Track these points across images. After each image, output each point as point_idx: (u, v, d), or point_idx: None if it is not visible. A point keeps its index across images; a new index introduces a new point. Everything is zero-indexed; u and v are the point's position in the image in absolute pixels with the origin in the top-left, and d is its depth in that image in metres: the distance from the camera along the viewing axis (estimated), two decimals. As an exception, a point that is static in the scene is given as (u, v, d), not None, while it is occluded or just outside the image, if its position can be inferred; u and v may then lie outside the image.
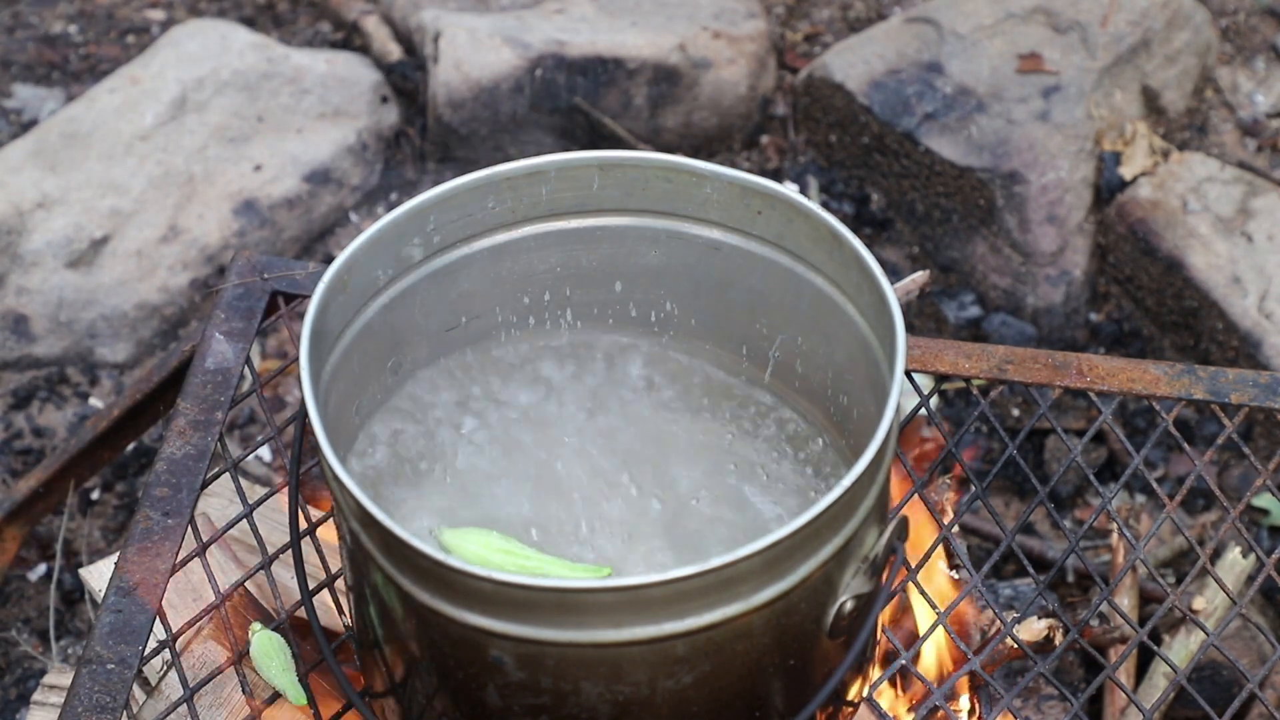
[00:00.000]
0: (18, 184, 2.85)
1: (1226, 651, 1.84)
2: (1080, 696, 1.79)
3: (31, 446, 2.69)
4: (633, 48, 2.99)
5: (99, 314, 2.79)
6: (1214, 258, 2.71)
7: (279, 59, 3.04)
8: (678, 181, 1.70)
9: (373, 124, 3.02)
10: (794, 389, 1.78)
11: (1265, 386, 1.98)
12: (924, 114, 2.86)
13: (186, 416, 1.96)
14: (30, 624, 2.51)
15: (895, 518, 1.57)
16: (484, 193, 1.69)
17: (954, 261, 2.87)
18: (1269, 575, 1.91)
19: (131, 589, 1.81)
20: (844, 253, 1.63)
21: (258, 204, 2.90)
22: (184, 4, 3.32)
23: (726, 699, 1.56)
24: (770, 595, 1.48)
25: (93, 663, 1.75)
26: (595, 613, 1.44)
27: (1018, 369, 1.98)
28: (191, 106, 2.97)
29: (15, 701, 2.41)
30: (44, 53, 3.23)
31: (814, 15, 3.27)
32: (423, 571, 1.46)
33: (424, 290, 1.72)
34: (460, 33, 2.98)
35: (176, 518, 1.87)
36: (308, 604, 1.72)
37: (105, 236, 2.83)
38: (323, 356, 1.62)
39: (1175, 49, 2.97)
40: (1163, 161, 2.85)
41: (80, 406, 2.75)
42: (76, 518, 2.60)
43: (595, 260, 1.77)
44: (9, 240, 2.79)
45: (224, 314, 2.05)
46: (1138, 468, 1.93)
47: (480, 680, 1.53)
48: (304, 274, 2.09)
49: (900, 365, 1.53)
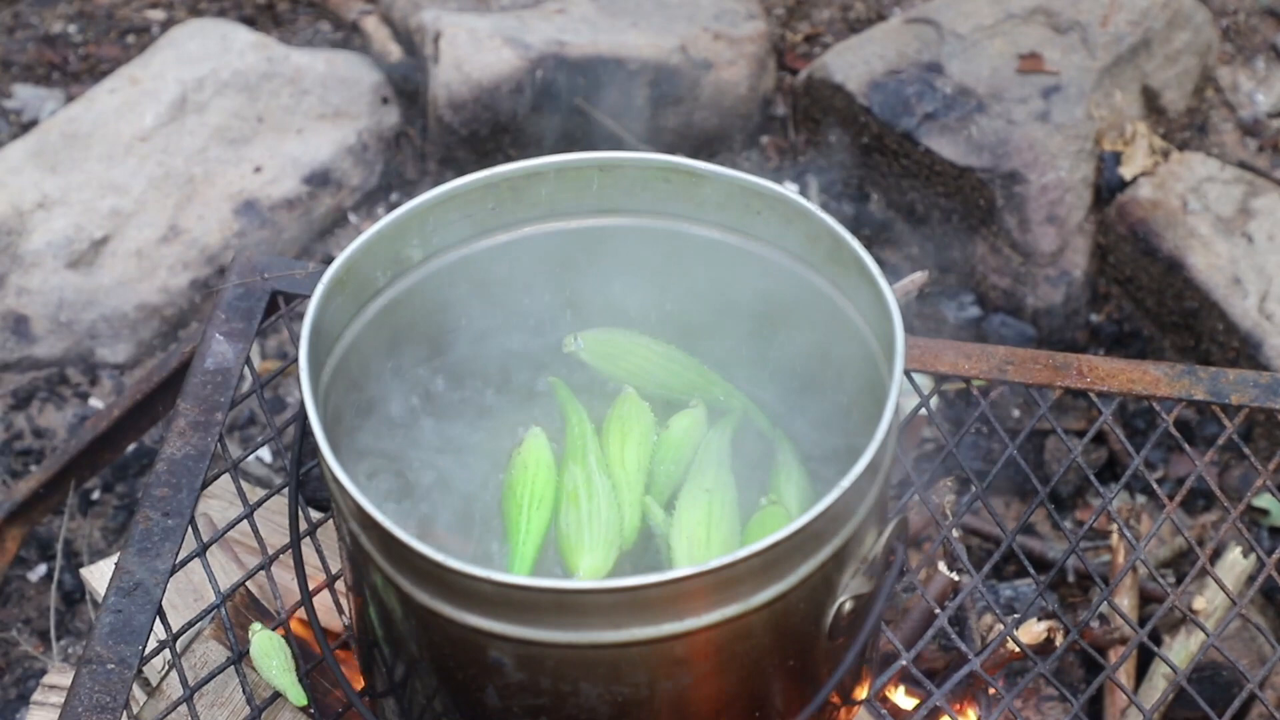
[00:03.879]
0: (18, 184, 2.85)
1: (1226, 652, 1.84)
2: (1080, 697, 1.79)
3: (32, 447, 2.69)
4: (633, 48, 2.99)
5: (99, 314, 2.79)
6: (1214, 258, 2.71)
7: (279, 59, 3.04)
8: (678, 182, 1.70)
9: (373, 124, 3.02)
10: (794, 389, 1.78)
11: (1265, 387, 1.98)
12: (924, 114, 2.86)
13: (187, 417, 1.96)
14: (30, 624, 2.51)
15: (895, 518, 1.57)
16: (484, 193, 1.69)
17: (954, 262, 2.87)
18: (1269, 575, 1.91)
19: (132, 589, 1.81)
20: (843, 253, 1.63)
21: (258, 204, 2.90)
22: (184, 4, 3.32)
23: (726, 700, 1.56)
24: (769, 596, 1.48)
25: (93, 663, 1.75)
26: (595, 614, 1.44)
27: (1018, 369, 1.98)
28: (191, 107, 2.97)
29: (15, 701, 2.41)
30: (44, 53, 3.23)
31: (814, 16, 3.27)
32: (422, 573, 1.46)
33: (423, 291, 1.71)
34: (461, 33, 2.98)
35: (177, 518, 1.87)
36: (308, 604, 1.72)
37: (105, 237, 2.83)
38: (322, 357, 1.62)
39: (1175, 49, 2.97)
40: (1163, 161, 2.85)
41: (80, 407, 2.75)
42: (77, 518, 2.60)
43: (595, 261, 1.76)
44: (9, 241, 2.79)
45: (224, 314, 2.05)
46: (1138, 468, 1.93)
47: (480, 681, 1.53)
48: (304, 274, 2.09)
49: (899, 365, 1.53)
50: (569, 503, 1.67)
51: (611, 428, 1.74)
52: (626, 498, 1.69)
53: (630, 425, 1.73)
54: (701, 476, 1.69)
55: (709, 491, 1.67)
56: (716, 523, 1.65)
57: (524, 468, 1.70)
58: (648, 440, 1.73)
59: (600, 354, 1.79)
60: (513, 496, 1.68)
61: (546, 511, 1.68)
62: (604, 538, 1.65)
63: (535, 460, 1.70)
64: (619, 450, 1.72)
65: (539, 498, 1.68)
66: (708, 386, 1.78)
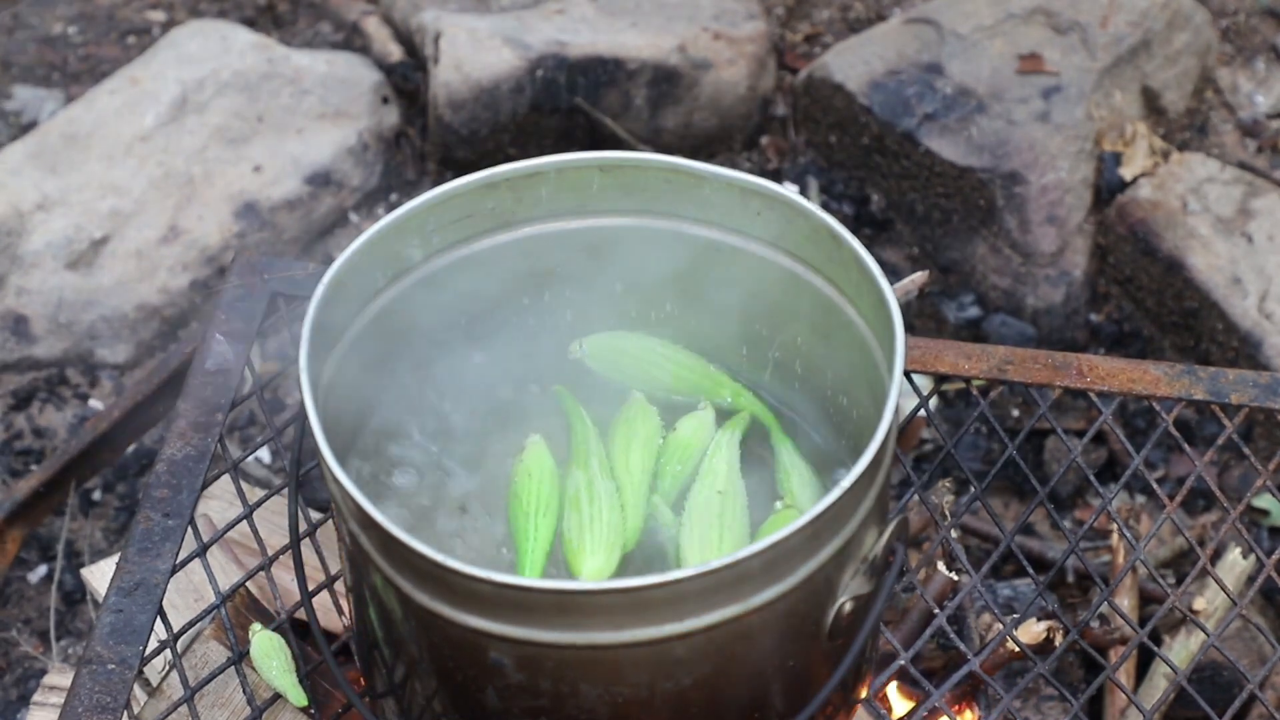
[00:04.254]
0: (17, 185, 2.85)
1: (1226, 652, 1.84)
2: (1080, 697, 1.79)
3: (32, 447, 2.69)
4: (633, 48, 2.99)
5: (99, 315, 2.79)
6: (1214, 258, 2.71)
7: (279, 60, 3.04)
8: (677, 182, 1.70)
9: (373, 125, 3.02)
10: (794, 389, 1.78)
11: (1265, 387, 1.98)
12: (924, 114, 2.86)
13: (187, 418, 1.96)
14: (31, 624, 2.51)
15: (895, 518, 1.57)
16: (484, 193, 1.69)
17: (954, 262, 2.87)
18: (1269, 576, 1.91)
19: (132, 589, 1.81)
20: (843, 253, 1.63)
21: (258, 205, 2.90)
22: (184, 4, 3.32)
23: (726, 701, 1.56)
24: (770, 596, 1.48)
25: (93, 663, 1.75)
26: (595, 614, 1.44)
27: (1018, 369, 1.98)
28: (191, 107, 2.97)
29: (15, 702, 2.41)
30: (44, 54, 3.23)
31: (814, 16, 3.27)
32: (422, 573, 1.46)
33: (424, 291, 1.71)
34: (461, 33, 2.99)
35: (177, 519, 1.87)
36: (308, 605, 1.72)
37: (105, 237, 2.83)
38: (322, 358, 1.62)
39: (1175, 49, 2.97)
40: (1163, 162, 2.85)
41: (80, 407, 2.75)
42: (77, 518, 2.60)
43: (595, 261, 1.76)
44: (9, 241, 2.79)
45: (224, 315, 2.05)
46: (1138, 468, 1.93)
47: (479, 682, 1.53)
48: (304, 275, 2.09)
49: (899, 366, 1.53)
50: (571, 507, 1.67)
51: (618, 431, 1.74)
52: (629, 500, 1.69)
53: (636, 428, 1.74)
54: (713, 478, 1.69)
55: (721, 494, 1.67)
56: (729, 525, 1.65)
57: (528, 475, 1.70)
58: (653, 443, 1.73)
59: (605, 359, 1.79)
60: (519, 504, 1.68)
61: (553, 517, 1.68)
62: (606, 540, 1.65)
63: (538, 467, 1.70)
64: (624, 453, 1.72)
65: (545, 504, 1.68)
66: (715, 387, 1.79)
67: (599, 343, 1.79)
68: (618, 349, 1.79)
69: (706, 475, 1.69)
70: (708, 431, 1.74)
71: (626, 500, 1.69)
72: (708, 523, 1.65)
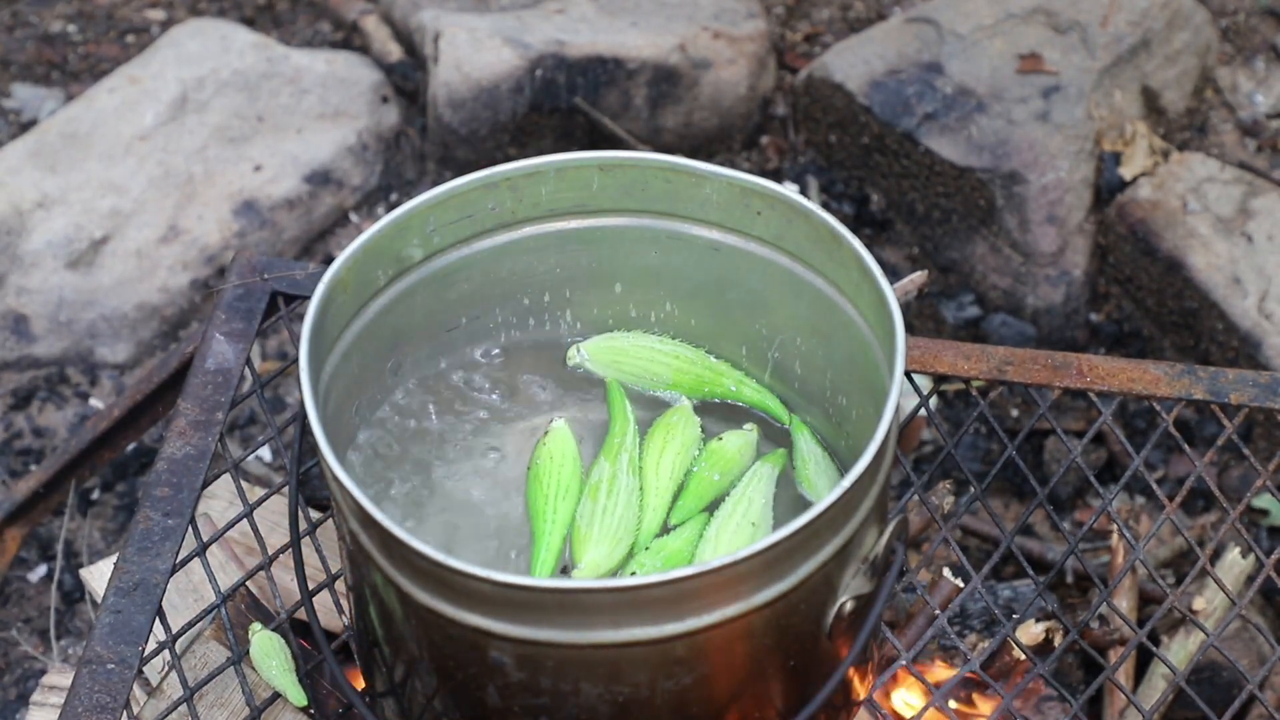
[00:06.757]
0: (17, 184, 2.85)
1: (1226, 652, 1.85)
2: (1080, 698, 1.79)
3: (31, 447, 2.69)
4: (633, 48, 2.99)
5: (99, 314, 2.79)
6: (1214, 258, 2.71)
7: (279, 59, 3.04)
8: (677, 182, 1.70)
9: (373, 124, 3.02)
10: (793, 389, 1.78)
11: (1265, 387, 1.98)
12: (924, 114, 2.86)
13: (187, 417, 1.96)
14: (30, 624, 2.51)
15: (895, 518, 1.57)
16: (484, 193, 1.69)
17: (954, 262, 2.87)
18: (1269, 576, 1.91)
19: (132, 589, 1.81)
20: (843, 253, 1.63)
21: (258, 204, 2.90)
22: (184, 4, 3.32)
23: (726, 700, 1.56)
24: (770, 596, 1.48)
25: (93, 663, 1.75)
26: (595, 613, 1.44)
27: (1017, 369, 1.98)
28: (191, 106, 2.97)
29: (15, 702, 2.41)
30: (43, 52, 3.23)
31: (814, 15, 3.27)
32: (422, 572, 1.46)
33: (424, 291, 1.72)
34: (460, 33, 2.99)
35: (177, 518, 1.87)
36: (308, 604, 1.72)
37: (105, 236, 2.83)
38: (322, 357, 1.62)
39: (1175, 49, 2.97)
40: (1163, 162, 2.85)
41: (80, 407, 2.75)
42: (77, 518, 2.60)
43: (595, 261, 1.77)
44: (9, 240, 2.79)
45: (224, 314, 2.05)
46: (1138, 469, 1.93)
47: (480, 681, 1.53)
48: (304, 274, 2.10)
49: (899, 366, 1.53)
50: (590, 495, 1.67)
51: (655, 433, 1.74)
52: (651, 501, 1.69)
53: (675, 434, 1.73)
54: (747, 506, 1.68)
55: (755, 526, 1.67)
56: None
57: (550, 458, 1.70)
58: (689, 452, 1.73)
59: (605, 361, 1.79)
60: (539, 486, 1.68)
61: (572, 502, 1.68)
62: (614, 534, 1.65)
63: (561, 451, 1.70)
64: (656, 456, 1.72)
65: (565, 488, 1.68)
66: (718, 379, 1.78)
67: (597, 345, 1.79)
68: (616, 349, 1.79)
69: (740, 501, 1.69)
70: (751, 451, 1.74)
71: (648, 501, 1.69)
72: (735, 548, 1.64)
